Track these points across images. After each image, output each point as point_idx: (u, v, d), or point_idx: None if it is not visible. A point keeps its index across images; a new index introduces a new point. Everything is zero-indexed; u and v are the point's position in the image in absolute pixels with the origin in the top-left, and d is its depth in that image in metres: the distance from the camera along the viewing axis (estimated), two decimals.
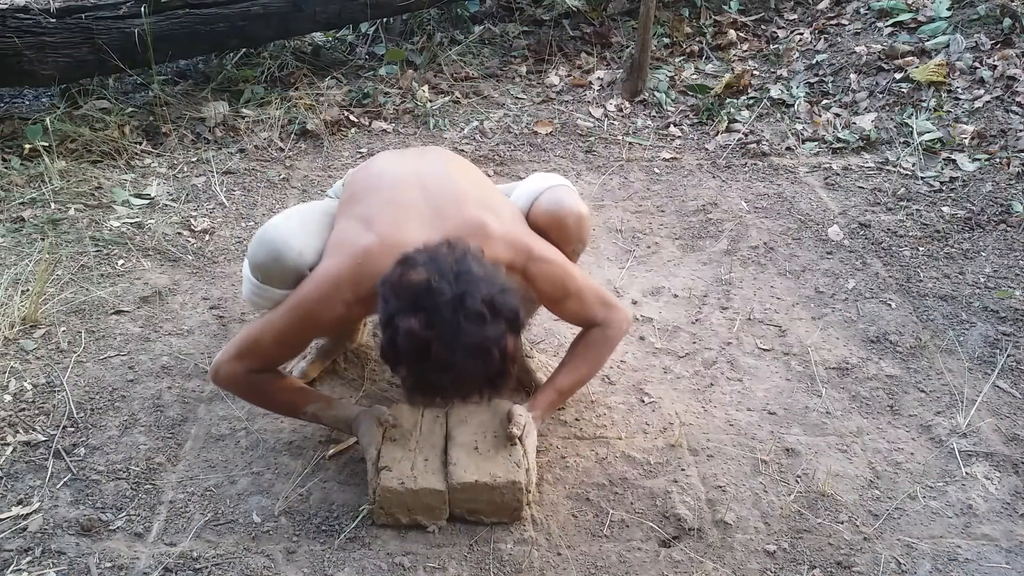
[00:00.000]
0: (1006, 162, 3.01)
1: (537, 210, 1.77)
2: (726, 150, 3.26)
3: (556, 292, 1.71)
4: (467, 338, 1.36)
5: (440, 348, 1.36)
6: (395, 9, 3.76)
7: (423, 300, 1.38)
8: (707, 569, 1.61)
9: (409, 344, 1.38)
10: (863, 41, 3.77)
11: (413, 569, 1.59)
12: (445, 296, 1.37)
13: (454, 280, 1.39)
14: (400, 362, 1.42)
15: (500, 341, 1.39)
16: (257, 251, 1.66)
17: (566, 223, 1.76)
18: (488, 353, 1.38)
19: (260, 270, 1.67)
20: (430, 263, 1.41)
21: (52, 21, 3.03)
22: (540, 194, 1.78)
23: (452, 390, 1.42)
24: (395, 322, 1.39)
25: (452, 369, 1.37)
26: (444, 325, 1.36)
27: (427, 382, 1.42)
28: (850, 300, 2.41)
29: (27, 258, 2.44)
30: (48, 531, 1.64)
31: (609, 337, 1.79)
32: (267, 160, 3.11)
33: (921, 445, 1.93)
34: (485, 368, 1.39)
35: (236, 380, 1.69)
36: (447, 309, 1.36)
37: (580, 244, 1.83)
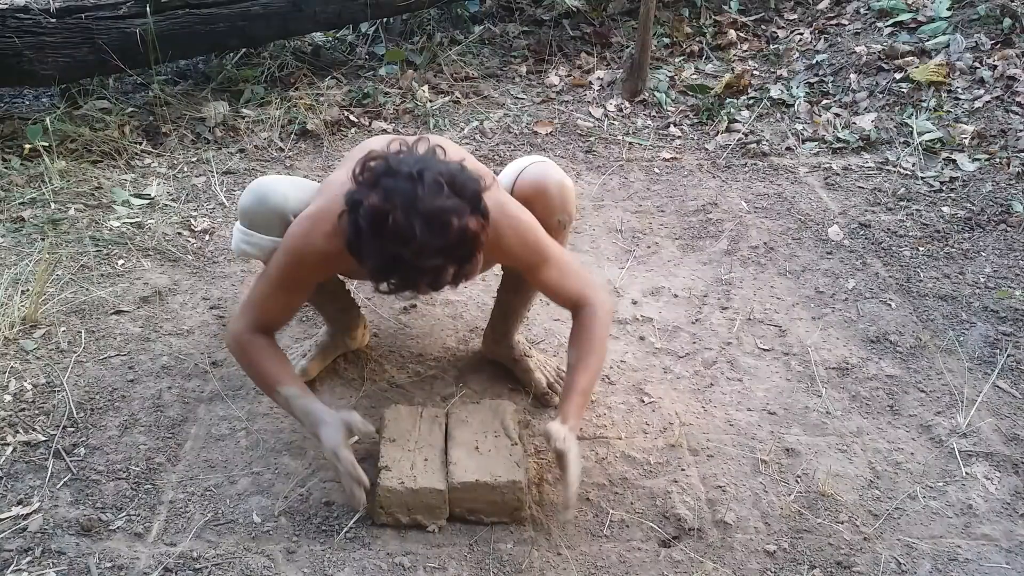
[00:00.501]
0: (1006, 162, 3.01)
1: (521, 183, 1.79)
2: (726, 150, 3.26)
3: (529, 254, 1.70)
4: (423, 204, 1.37)
5: (398, 216, 1.37)
6: (395, 9, 3.76)
7: (382, 179, 1.41)
8: (707, 569, 1.61)
9: (369, 218, 1.39)
10: (863, 41, 3.77)
11: (413, 569, 1.59)
12: (403, 172, 1.40)
13: (414, 162, 1.43)
14: (363, 242, 1.42)
15: (460, 214, 1.39)
16: (244, 197, 1.76)
17: (549, 191, 1.78)
18: (447, 224, 1.38)
19: (246, 215, 1.75)
20: (392, 153, 1.46)
21: (52, 21, 3.03)
22: (523, 168, 1.81)
23: (413, 263, 1.40)
24: (355, 200, 1.42)
25: (411, 239, 1.37)
26: (401, 195, 1.38)
27: (388, 258, 1.41)
28: (850, 300, 2.41)
29: (27, 258, 2.44)
30: (48, 531, 1.64)
31: (601, 319, 1.76)
32: (267, 160, 3.11)
33: (921, 445, 1.93)
34: (444, 239, 1.38)
35: (236, 338, 1.71)
36: (405, 181, 1.39)
37: (565, 215, 1.83)
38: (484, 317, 2.22)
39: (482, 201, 1.46)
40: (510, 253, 1.69)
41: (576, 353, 1.76)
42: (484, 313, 2.27)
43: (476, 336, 2.22)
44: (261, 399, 1.99)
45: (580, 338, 1.77)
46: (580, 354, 1.75)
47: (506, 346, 2.06)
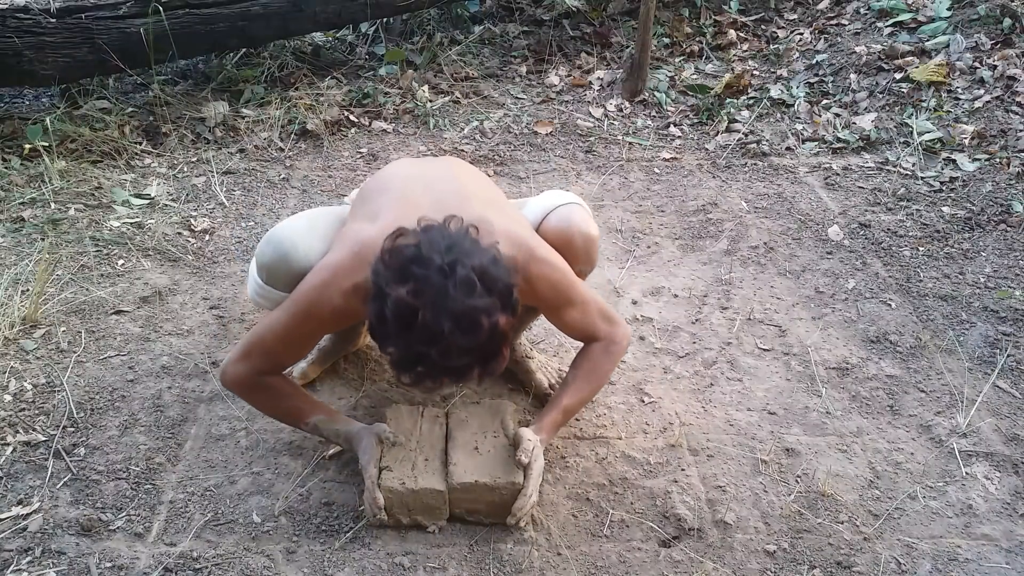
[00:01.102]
0: (1006, 162, 3.01)
1: (547, 225, 1.75)
2: (726, 150, 3.26)
3: (557, 297, 1.67)
4: (455, 305, 1.31)
5: (427, 316, 1.31)
6: (395, 9, 3.76)
7: (412, 269, 1.34)
8: (707, 569, 1.61)
9: (396, 312, 1.32)
10: (863, 41, 3.77)
11: (413, 569, 1.59)
12: (435, 264, 1.33)
13: (445, 250, 1.35)
14: (388, 335, 1.37)
15: (491, 313, 1.33)
16: (264, 250, 1.68)
17: (574, 242, 1.74)
18: (477, 324, 1.32)
19: (265, 270, 1.68)
20: (422, 234, 1.39)
21: (52, 21, 3.03)
22: (552, 210, 1.76)
23: (439, 363, 1.35)
24: (383, 291, 1.35)
25: (439, 339, 1.31)
26: (432, 292, 1.31)
27: (414, 354, 1.36)
28: (850, 300, 2.41)
29: (27, 258, 2.44)
30: (48, 531, 1.64)
31: (612, 353, 1.76)
32: (267, 160, 3.11)
33: (921, 445, 1.93)
34: (474, 340, 1.32)
35: (242, 382, 1.67)
36: (436, 276, 1.32)
37: (588, 265, 1.81)
38: None
39: (513, 295, 1.39)
40: (539, 297, 1.66)
41: (574, 374, 1.77)
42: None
43: None
44: None
45: (583, 362, 1.78)
46: (577, 376, 1.76)
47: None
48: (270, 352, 1.65)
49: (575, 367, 1.79)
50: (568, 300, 1.69)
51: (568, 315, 1.71)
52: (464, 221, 1.44)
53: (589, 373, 1.76)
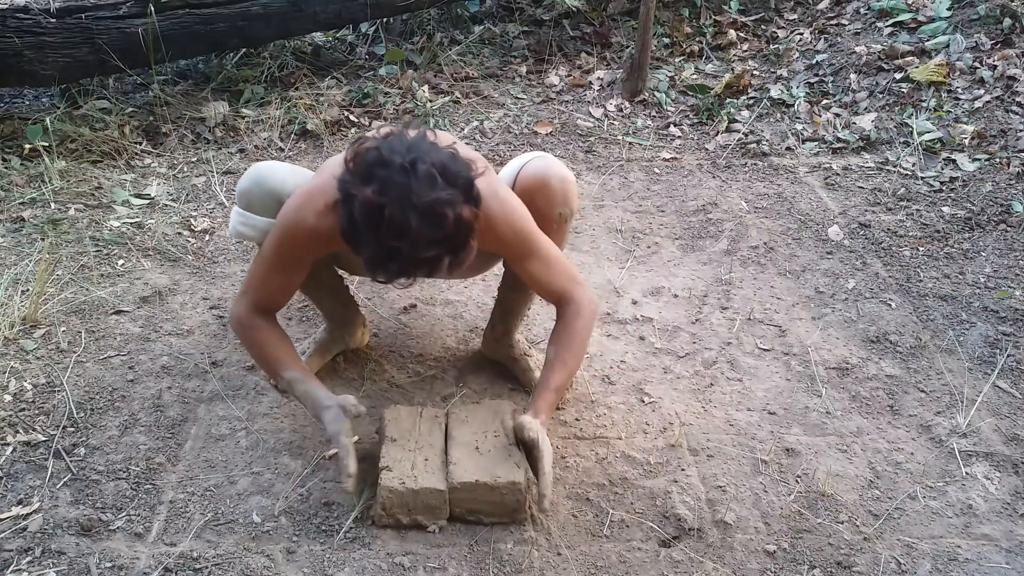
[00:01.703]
0: (1006, 162, 3.01)
1: (523, 176, 1.80)
2: (726, 150, 3.26)
3: (519, 242, 1.71)
4: (418, 199, 1.37)
5: (393, 211, 1.37)
6: (395, 9, 3.76)
7: (375, 170, 1.41)
8: (707, 569, 1.61)
9: (364, 212, 1.39)
10: (863, 41, 3.77)
11: (413, 569, 1.59)
12: (396, 163, 1.40)
13: (405, 151, 1.42)
14: (358, 234, 1.43)
15: (454, 204, 1.40)
16: (243, 180, 1.80)
17: (551, 184, 1.78)
18: (442, 215, 1.39)
19: (244, 197, 1.79)
20: (382, 140, 1.46)
21: (52, 21, 3.03)
22: (525, 163, 1.82)
23: (410, 255, 1.41)
24: (350, 193, 1.42)
25: (407, 233, 1.38)
26: (396, 188, 1.38)
27: (385, 250, 1.42)
28: (850, 300, 2.41)
29: (27, 258, 2.44)
30: (48, 531, 1.64)
31: (584, 318, 1.78)
32: (267, 160, 3.11)
33: (921, 445, 1.93)
34: (440, 231, 1.39)
35: (239, 319, 1.76)
36: (398, 174, 1.39)
37: (567, 208, 1.83)
38: (484, 317, 2.22)
39: (474, 188, 1.47)
40: (500, 239, 1.69)
41: (554, 349, 1.77)
42: (484, 313, 2.27)
43: (476, 336, 2.22)
44: (261, 399, 1.99)
45: (560, 335, 1.78)
46: (558, 350, 1.77)
47: (506, 345, 2.06)
48: (262, 284, 1.74)
49: (554, 342, 1.79)
50: (530, 247, 1.72)
51: (533, 266, 1.75)
52: (421, 126, 1.52)
53: (569, 346, 1.77)
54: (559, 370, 1.76)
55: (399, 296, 2.37)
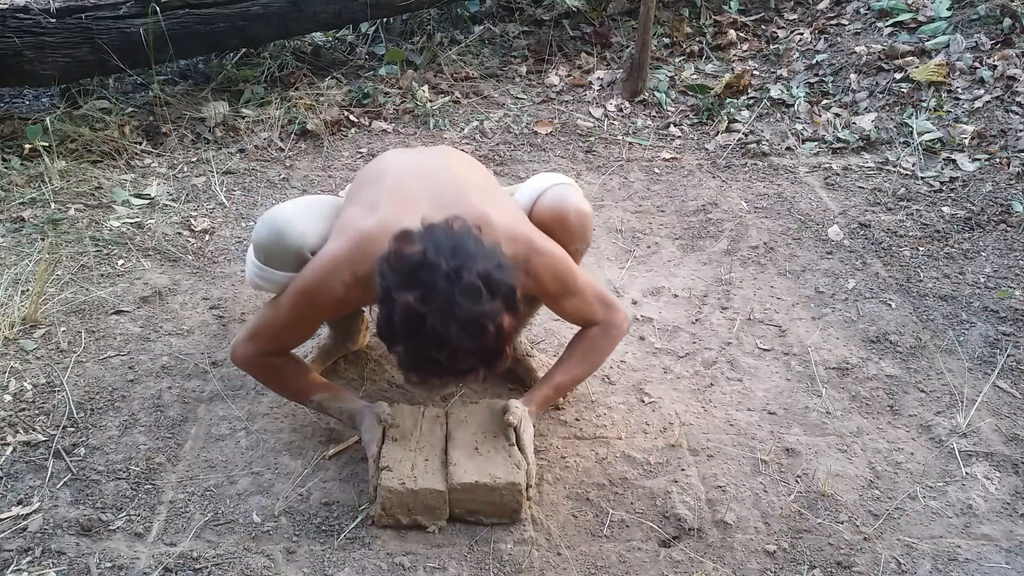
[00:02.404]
0: (1006, 162, 3.01)
1: (540, 207, 1.78)
2: (726, 150, 3.26)
3: (558, 287, 1.71)
4: (462, 312, 1.35)
5: (435, 322, 1.35)
6: (395, 9, 3.76)
7: (419, 274, 1.37)
8: (707, 569, 1.61)
9: (404, 318, 1.37)
10: (863, 41, 3.77)
11: (413, 569, 1.59)
12: (441, 270, 1.36)
13: (450, 254, 1.38)
14: (396, 338, 1.41)
15: (496, 317, 1.38)
16: (260, 230, 1.70)
17: (568, 220, 1.76)
18: (483, 328, 1.36)
19: (263, 250, 1.70)
20: (426, 237, 1.41)
21: (52, 21, 3.03)
22: (543, 192, 1.79)
23: (447, 366, 1.40)
24: (391, 296, 1.39)
25: (447, 344, 1.36)
26: (439, 299, 1.35)
27: (422, 358, 1.41)
28: (850, 300, 2.41)
29: (27, 258, 2.44)
30: (48, 531, 1.64)
31: (610, 337, 1.80)
32: (267, 160, 3.11)
33: (921, 445, 1.93)
34: (480, 344, 1.37)
35: (249, 362, 1.76)
36: (443, 283, 1.35)
37: (583, 243, 1.83)
38: None
39: (516, 296, 1.43)
40: (542, 288, 1.69)
41: (569, 353, 1.79)
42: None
43: None
44: (261, 399, 1.99)
45: (580, 344, 1.80)
46: (571, 356, 1.79)
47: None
48: (273, 336, 1.73)
49: (571, 347, 1.81)
50: (569, 289, 1.73)
51: (568, 303, 1.75)
52: (467, 221, 1.46)
53: (585, 353, 1.78)
54: (565, 371, 1.78)
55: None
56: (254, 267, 1.73)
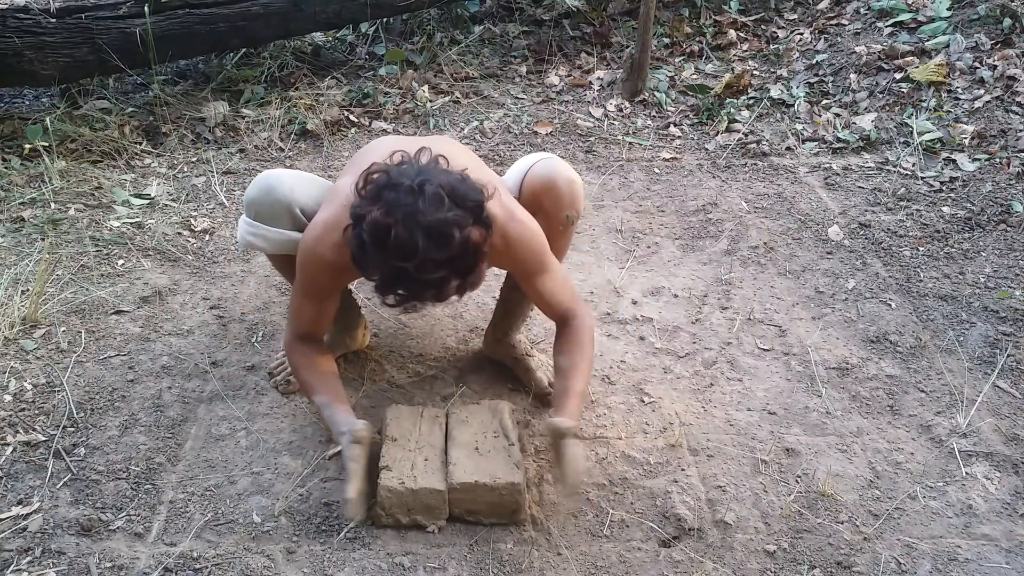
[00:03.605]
0: (1006, 162, 3.01)
1: (530, 178, 1.81)
2: (726, 150, 3.26)
3: (532, 261, 1.73)
4: (425, 219, 1.38)
5: (399, 231, 1.38)
6: (395, 9, 3.76)
7: (383, 192, 1.42)
8: (707, 569, 1.61)
9: (371, 232, 1.40)
10: (863, 41, 3.77)
11: (413, 569, 1.59)
12: (404, 185, 1.41)
13: (415, 174, 1.44)
14: (367, 256, 1.44)
15: (461, 225, 1.40)
16: (250, 189, 1.80)
17: (559, 187, 1.79)
18: (448, 235, 1.39)
19: (252, 206, 1.79)
20: (393, 165, 1.48)
21: (52, 21, 3.03)
22: (531, 165, 1.83)
23: (416, 276, 1.41)
24: (359, 214, 1.43)
25: (414, 253, 1.38)
26: (403, 209, 1.39)
27: (393, 273, 1.42)
28: (850, 300, 2.41)
29: (27, 258, 2.44)
30: (48, 531, 1.64)
31: (588, 329, 1.81)
32: (267, 160, 3.11)
33: (921, 445, 1.93)
34: (447, 251, 1.39)
35: (288, 345, 1.82)
36: (406, 196, 1.40)
37: (573, 210, 1.84)
38: (484, 317, 2.23)
39: (484, 211, 1.46)
40: (517, 259, 1.71)
41: (568, 359, 1.78)
42: (484, 313, 2.27)
43: (476, 336, 2.22)
44: (261, 399, 1.99)
45: (570, 346, 1.79)
46: (572, 360, 1.78)
47: (507, 345, 2.06)
48: (296, 317, 1.79)
49: (565, 352, 1.79)
50: (543, 266, 1.75)
51: (543, 283, 1.77)
52: (433, 152, 1.52)
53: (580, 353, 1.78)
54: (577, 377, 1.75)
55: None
56: (245, 224, 1.81)
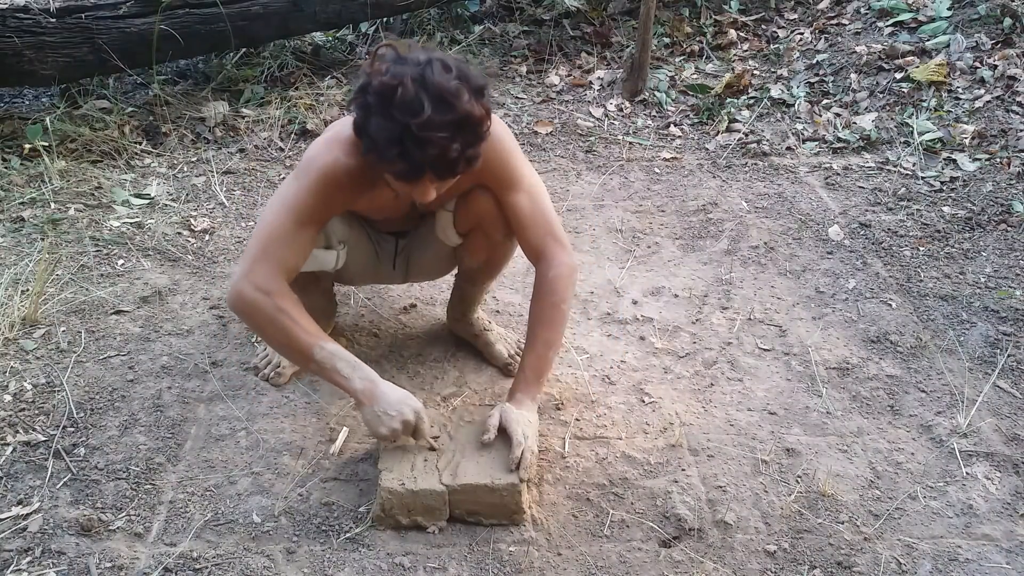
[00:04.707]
0: (1006, 162, 3.01)
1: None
2: (726, 150, 3.26)
3: (508, 173, 1.72)
4: (433, 81, 1.41)
5: (407, 89, 1.40)
6: (395, 9, 3.75)
7: (392, 64, 1.45)
8: (707, 569, 1.61)
9: (379, 91, 1.42)
10: (863, 41, 3.77)
11: (413, 569, 1.59)
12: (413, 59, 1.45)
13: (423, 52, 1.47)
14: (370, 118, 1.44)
15: (465, 94, 1.43)
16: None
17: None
18: (455, 99, 1.41)
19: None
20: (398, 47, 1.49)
21: (52, 21, 3.03)
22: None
23: (420, 135, 1.41)
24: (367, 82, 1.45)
25: (420, 111, 1.40)
26: (411, 72, 1.42)
27: (396, 130, 1.42)
28: (850, 300, 2.41)
29: (27, 258, 2.44)
30: (48, 531, 1.64)
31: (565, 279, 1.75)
32: (267, 160, 3.11)
33: (921, 445, 1.92)
34: (452, 113, 1.42)
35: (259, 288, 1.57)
36: (414, 66, 1.43)
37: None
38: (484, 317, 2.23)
39: (486, 92, 1.49)
40: (489, 166, 1.66)
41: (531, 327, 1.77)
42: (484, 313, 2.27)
43: None
44: (261, 399, 1.99)
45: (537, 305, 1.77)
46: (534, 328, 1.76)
47: (466, 323, 2.14)
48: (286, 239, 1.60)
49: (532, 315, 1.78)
50: (517, 179, 1.74)
51: (517, 200, 1.75)
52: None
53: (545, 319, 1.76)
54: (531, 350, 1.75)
55: (399, 296, 2.37)
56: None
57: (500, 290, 2.39)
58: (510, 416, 1.69)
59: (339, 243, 1.85)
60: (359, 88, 1.47)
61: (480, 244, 1.90)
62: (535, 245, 1.78)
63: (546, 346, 1.76)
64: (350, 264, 1.92)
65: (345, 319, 2.26)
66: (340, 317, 2.24)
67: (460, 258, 1.99)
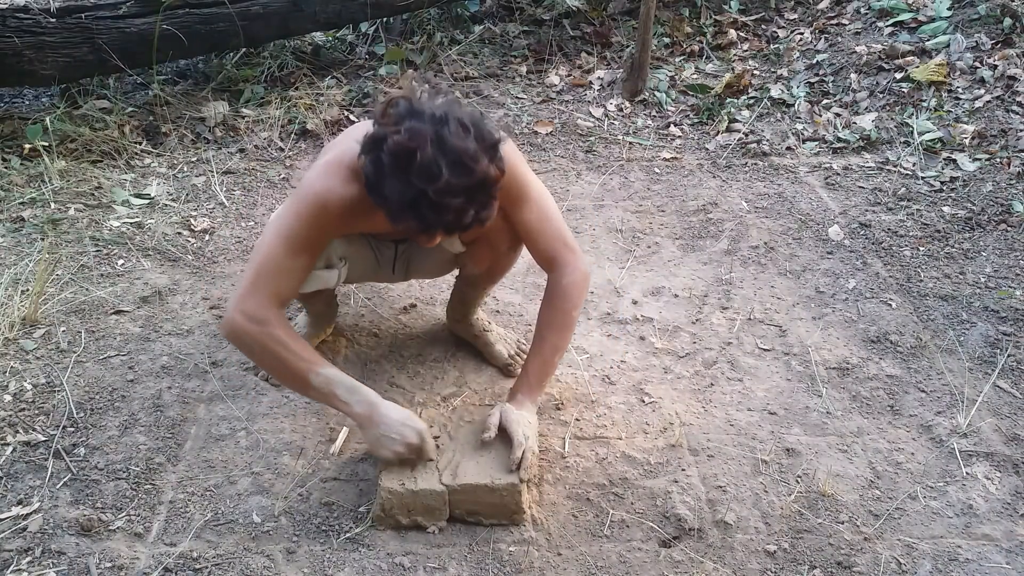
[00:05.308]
0: (1006, 162, 3.01)
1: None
2: (726, 150, 3.26)
3: (515, 190, 1.69)
4: (450, 146, 1.38)
5: (425, 155, 1.37)
6: (395, 9, 3.75)
7: (407, 119, 1.41)
8: (707, 569, 1.61)
9: (394, 153, 1.38)
10: (863, 41, 3.77)
11: (413, 569, 1.59)
12: (428, 113, 1.41)
13: (436, 105, 1.44)
14: (384, 177, 1.41)
15: (482, 158, 1.41)
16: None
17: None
18: (473, 162, 1.39)
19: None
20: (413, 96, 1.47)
21: (52, 21, 3.03)
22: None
23: (436, 202, 1.38)
24: (381, 137, 1.41)
25: (438, 177, 1.37)
26: (429, 134, 1.38)
27: (411, 195, 1.39)
28: (850, 300, 2.41)
29: (27, 258, 2.44)
30: (48, 531, 1.64)
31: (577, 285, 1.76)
32: (267, 160, 3.11)
33: (921, 445, 1.92)
34: (469, 179, 1.39)
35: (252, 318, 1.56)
36: (431, 123, 1.40)
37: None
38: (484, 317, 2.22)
39: (499, 150, 1.47)
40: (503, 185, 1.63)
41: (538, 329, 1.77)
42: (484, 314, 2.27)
43: None
44: (261, 399, 1.99)
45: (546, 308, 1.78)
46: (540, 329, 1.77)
47: (466, 324, 2.14)
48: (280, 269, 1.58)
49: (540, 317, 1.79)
50: (525, 194, 1.72)
51: (526, 214, 1.73)
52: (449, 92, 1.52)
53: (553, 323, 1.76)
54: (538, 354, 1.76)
55: (399, 296, 2.37)
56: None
57: (500, 290, 2.39)
58: (510, 416, 1.70)
59: (340, 259, 1.83)
60: (372, 141, 1.42)
61: (484, 254, 1.89)
62: (548, 254, 1.78)
63: (553, 351, 1.77)
64: (350, 271, 1.92)
65: (345, 319, 2.26)
66: (340, 317, 2.24)
67: (463, 264, 1.98)
